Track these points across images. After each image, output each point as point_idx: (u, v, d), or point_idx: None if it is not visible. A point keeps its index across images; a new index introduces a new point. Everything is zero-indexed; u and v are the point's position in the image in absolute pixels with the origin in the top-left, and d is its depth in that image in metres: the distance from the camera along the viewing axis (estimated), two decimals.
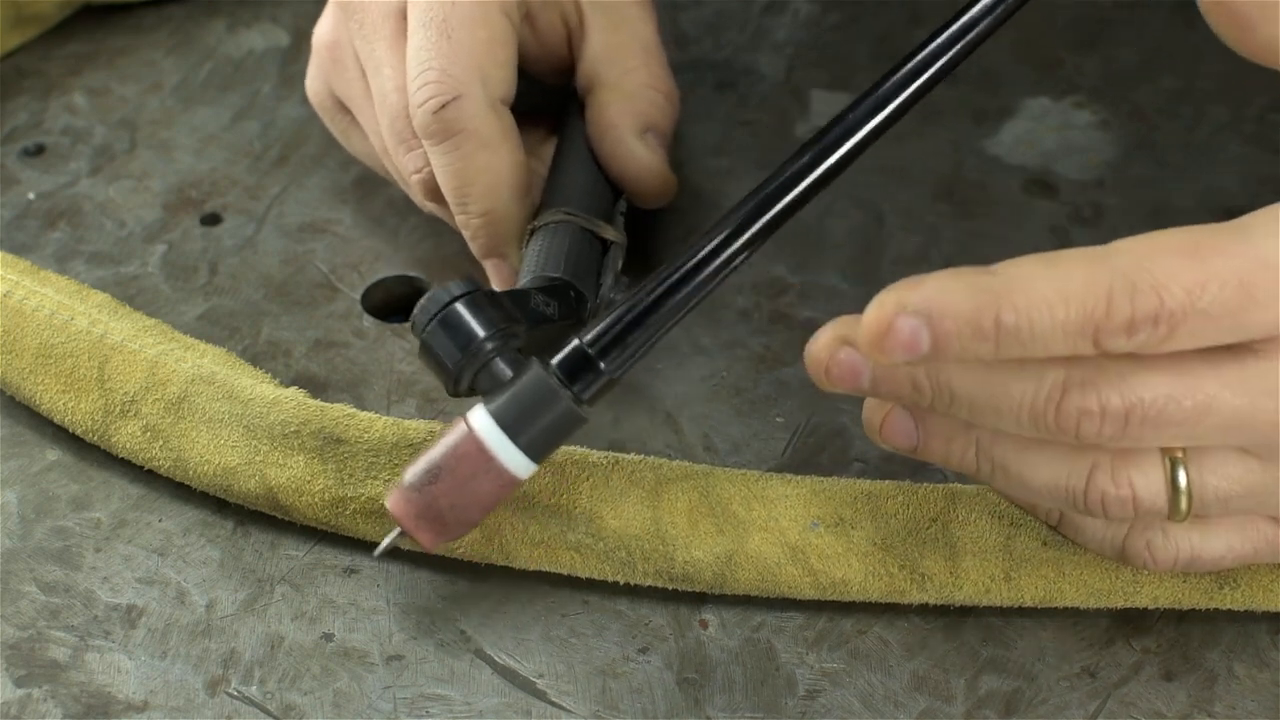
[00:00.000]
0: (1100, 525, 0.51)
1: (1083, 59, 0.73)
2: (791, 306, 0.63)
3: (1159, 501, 0.47)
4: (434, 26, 0.58)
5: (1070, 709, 0.51)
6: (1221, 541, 0.49)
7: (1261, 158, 0.68)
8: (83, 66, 0.75)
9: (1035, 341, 0.44)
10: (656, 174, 0.62)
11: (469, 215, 0.59)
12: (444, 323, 0.52)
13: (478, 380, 0.52)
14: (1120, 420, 0.45)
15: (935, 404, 0.47)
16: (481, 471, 0.50)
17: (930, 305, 0.44)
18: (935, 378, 0.46)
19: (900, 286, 0.44)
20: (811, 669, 0.52)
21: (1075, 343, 0.44)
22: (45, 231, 0.67)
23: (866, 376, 0.47)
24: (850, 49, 0.75)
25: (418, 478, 0.51)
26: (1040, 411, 0.45)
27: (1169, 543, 0.50)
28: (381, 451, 0.54)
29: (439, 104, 0.58)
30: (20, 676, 0.52)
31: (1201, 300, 0.44)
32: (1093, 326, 0.44)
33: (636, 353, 0.51)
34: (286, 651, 0.53)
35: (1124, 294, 0.44)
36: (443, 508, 0.51)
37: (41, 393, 0.58)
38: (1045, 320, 0.44)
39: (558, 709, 0.51)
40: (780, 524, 0.53)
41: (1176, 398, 0.45)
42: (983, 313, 0.44)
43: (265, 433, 0.55)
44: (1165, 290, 0.44)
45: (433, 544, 0.51)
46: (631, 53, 0.63)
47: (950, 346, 0.44)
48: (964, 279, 0.44)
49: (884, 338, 0.44)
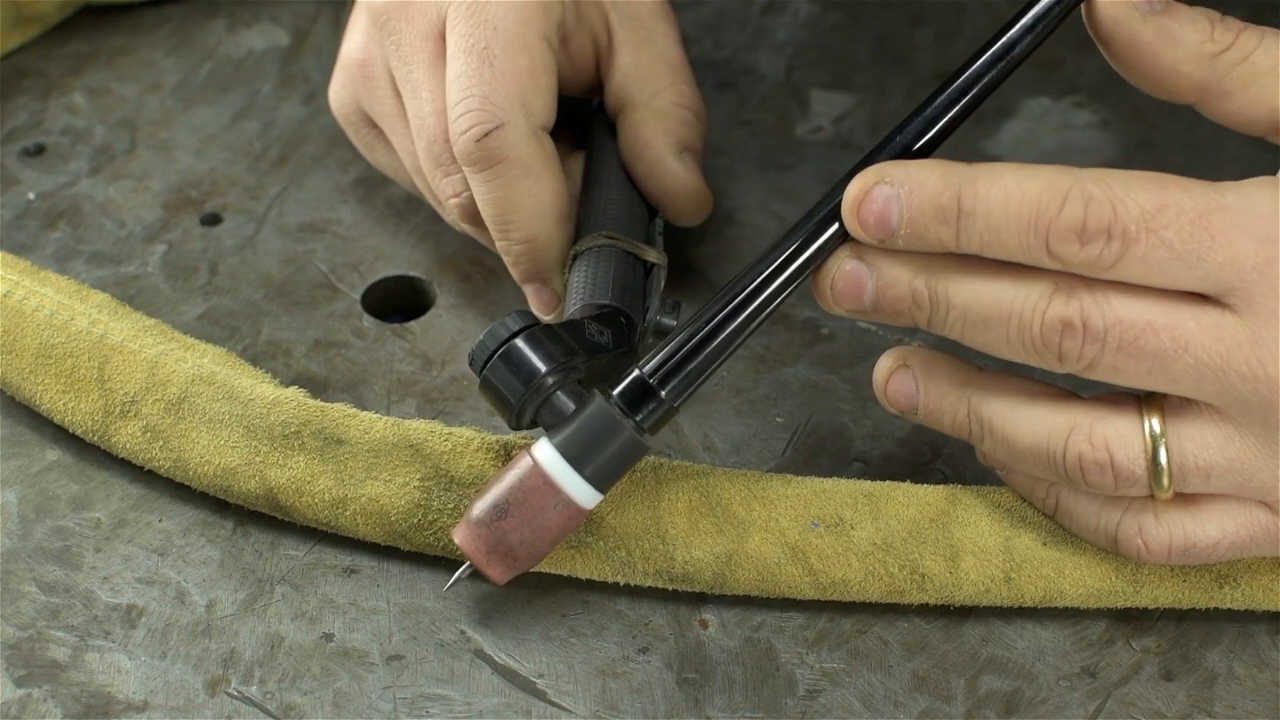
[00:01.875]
0: (1094, 511, 0.51)
1: (1083, 59, 0.73)
2: (791, 306, 0.63)
3: (1137, 466, 0.48)
4: (476, 53, 0.58)
5: (1070, 709, 0.51)
6: (1214, 526, 0.50)
7: (1261, 158, 0.68)
8: (83, 66, 0.75)
9: (991, 233, 0.47)
10: (696, 192, 0.62)
11: (511, 242, 0.59)
12: (505, 358, 0.52)
13: (540, 414, 0.52)
14: (1099, 339, 0.47)
15: (933, 317, 0.49)
16: (550, 505, 0.51)
17: (905, 179, 0.48)
18: (933, 286, 0.49)
19: (885, 163, 0.49)
20: (811, 669, 0.52)
21: (1028, 241, 0.47)
22: (45, 231, 0.67)
23: (869, 289, 0.50)
24: (850, 49, 0.75)
25: (486, 513, 0.51)
26: (1027, 321, 0.48)
27: (1161, 528, 0.50)
28: (382, 452, 0.54)
29: (482, 132, 0.58)
30: (20, 676, 0.52)
31: (1156, 222, 0.46)
32: (1044, 225, 0.47)
33: (696, 381, 0.51)
34: (286, 651, 0.53)
35: (1079, 199, 0.47)
36: (513, 543, 0.51)
37: (42, 393, 0.58)
38: (1000, 210, 0.47)
39: (558, 709, 0.51)
40: (780, 524, 0.53)
41: (1154, 326, 0.47)
42: (946, 192, 0.48)
43: (265, 433, 0.55)
44: (1120, 204, 0.46)
45: (503, 578, 0.52)
46: (660, 72, 0.63)
47: (917, 224, 0.48)
48: (941, 164, 0.48)
49: (862, 205, 0.49)
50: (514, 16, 0.58)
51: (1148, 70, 0.50)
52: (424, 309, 0.64)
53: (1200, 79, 0.50)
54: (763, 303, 0.51)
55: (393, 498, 0.54)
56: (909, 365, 0.52)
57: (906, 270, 0.49)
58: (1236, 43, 0.50)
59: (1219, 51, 0.49)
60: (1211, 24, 0.50)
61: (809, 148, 0.70)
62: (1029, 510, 0.53)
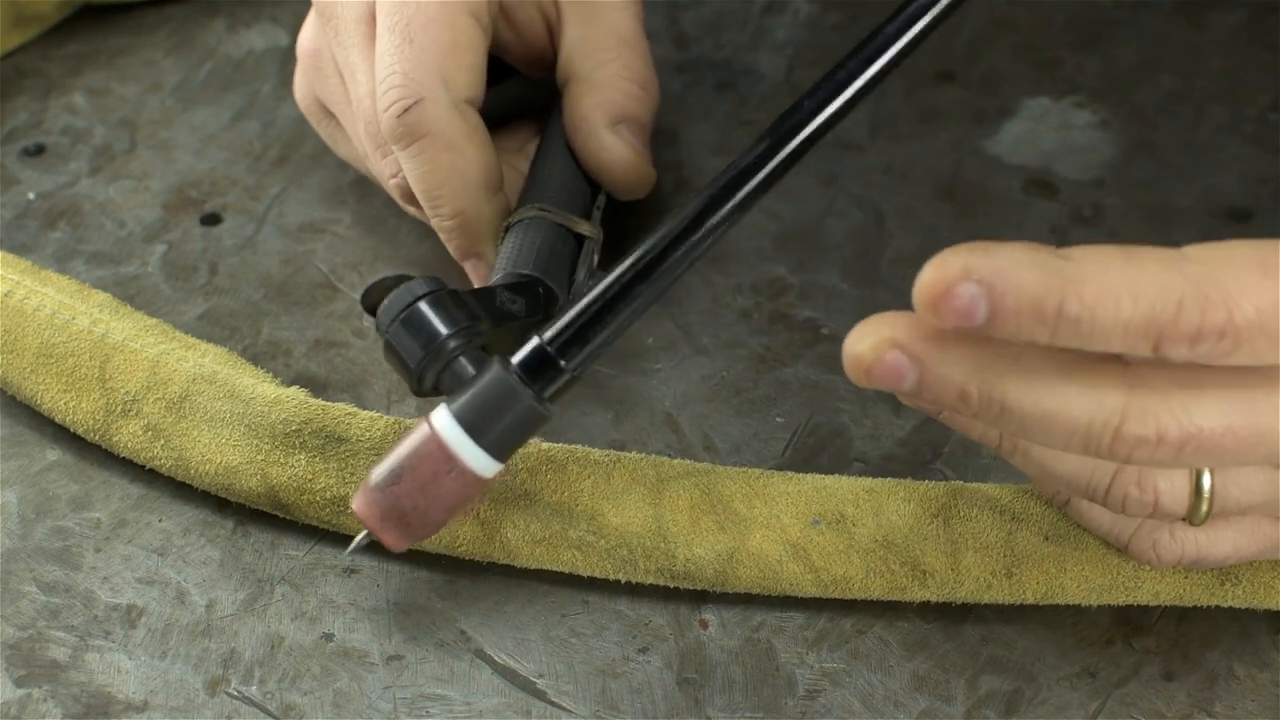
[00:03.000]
0: (1109, 519, 0.51)
1: (1083, 59, 0.73)
2: (791, 306, 0.63)
3: (1179, 507, 0.47)
4: (397, 31, 0.59)
5: (1070, 709, 0.51)
6: (1228, 544, 0.49)
7: (1261, 158, 0.68)
8: (83, 66, 0.75)
9: (1094, 336, 0.43)
10: (629, 165, 0.62)
11: (441, 217, 0.60)
12: (407, 322, 0.52)
13: (441, 379, 0.52)
14: (1175, 449, 0.44)
15: (980, 416, 0.45)
16: (444, 472, 0.50)
17: (996, 278, 0.42)
18: (987, 391, 0.44)
19: (968, 249, 0.42)
20: (811, 669, 0.52)
21: (1135, 343, 0.43)
22: (45, 231, 0.67)
23: (910, 380, 0.44)
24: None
25: (381, 478, 0.51)
26: (1096, 435, 0.44)
27: (1175, 544, 0.50)
28: (384, 450, 0.54)
29: (402, 108, 0.58)
30: (20, 676, 0.52)
31: (1271, 320, 0.43)
32: (1157, 331, 0.42)
33: (597, 350, 0.51)
34: (286, 651, 0.53)
35: (1195, 303, 0.42)
36: (406, 508, 0.50)
37: (42, 392, 0.58)
38: (1110, 317, 0.42)
39: (558, 709, 0.51)
40: (782, 521, 0.53)
41: (1235, 429, 0.44)
42: (1048, 297, 0.42)
43: (267, 432, 0.55)
44: (1236, 305, 0.42)
45: (397, 544, 0.51)
46: (605, 45, 0.62)
47: (1007, 323, 0.42)
48: (1036, 258, 0.42)
49: (941, 300, 0.42)
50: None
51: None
52: None
53: None
54: (665, 270, 0.50)
55: None
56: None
57: (958, 371, 0.44)
58: None
59: None
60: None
61: None
62: (1031, 506, 0.53)
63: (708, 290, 0.64)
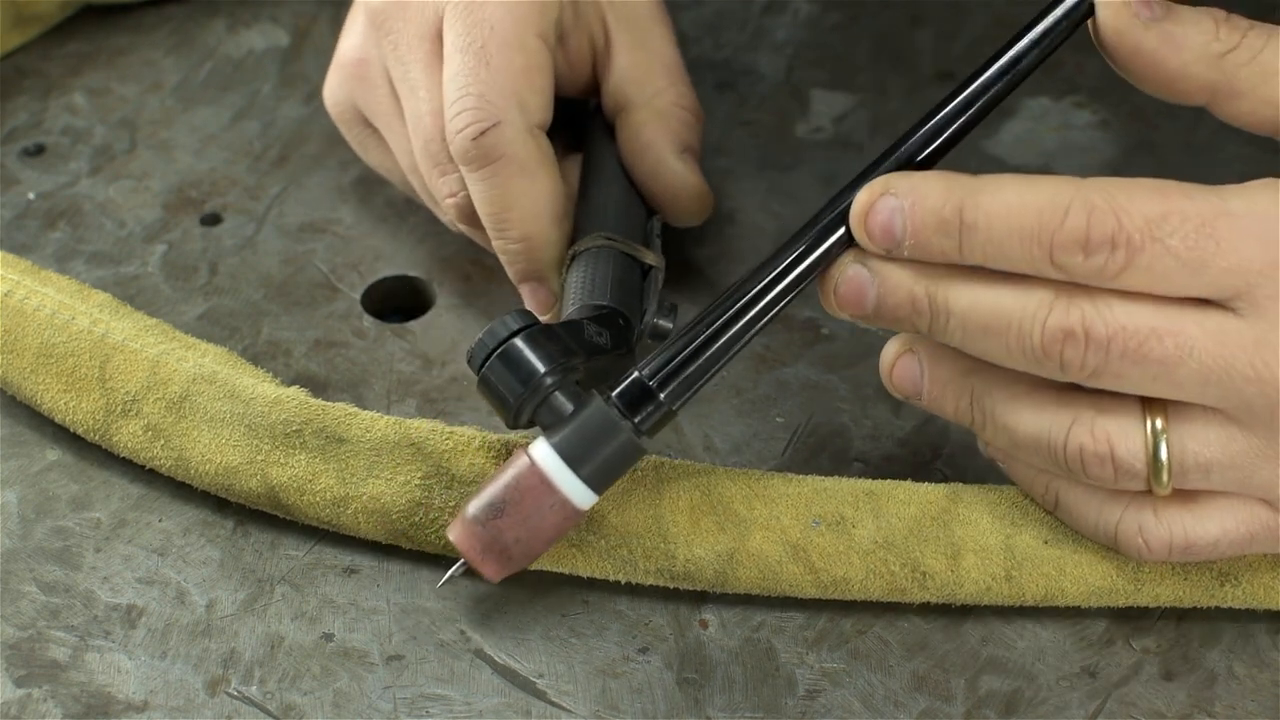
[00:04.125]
0: (1094, 507, 0.51)
1: (1083, 59, 0.73)
2: (792, 307, 0.63)
3: (1137, 461, 0.48)
4: (472, 52, 0.58)
5: (1070, 709, 0.51)
6: (1214, 524, 0.50)
7: (1261, 158, 0.68)
8: (83, 66, 0.75)
9: (992, 244, 0.47)
10: (698, 192, 0.62)
11: (507, 240, 0.59)
12: (504, 358, 0.52)
13: (538, 414, 0.52)
14: (1102, 348, 0.47)
15: (933, 325, 0.49)
16: (546, 505, 0.51)
17: (909, 190, 0.49)
18: (933, 294, 0.49)
19: (892, 174, 0.50)
20: (811, 669, 0.52)
21: (1031, 252, 0.47)
22: (45, 231, 0.67)
23: (871, 296, 0.50)
24: (850, 49, 0.75)
25: (482, 511, 0.51)
26: (1027, 331, 0.48)
27: (1161, 526, 0.50)
28: (383, 450, 0.54)
29: (478, 130, 0.58)
30: (20, 676, 0.52)
31: (1160, 230, 0.46)
32: (1048, 237, 0.47)
33: (695, 384, 0.51)
34: (286, 651, 0.53)
35: (1081, 210, 0.46)
36: (508, 541, 0.51)
37: (43, 392, 0.58)
38: (1003, 224, 0.47)
39: (558, 709, 0.51)
40: (782, 522, 0.53)
41: (1158, 332, 0.47)
42: (949, 205, 0.48)
43: (267, 432, 0.55)
44: (1124, 213, 0.46)
45: (497, 576, 0.52)
46: (658, 73, 0.63)
47: (920, 235, 0.48)
48: (945, 176, 0.48)
49: (867, 214, 0.49)
50: (511, 15, 0.59)
51: (1155, 76, 0.50)
52: (424, 309, 0.64)
53: (1209, 80, 0.49)
54: (764, 308, 0.51)
55: (394, 496, 0.54)
56: (915, 351, 0.52)
57: (907, 277, 0.49)
58: (1244, 41, 0.49)
59: (1225, 51, 0.49)
60: (1216, 24, 0.49)
61: (809, 148, 0.70)
62: (1030, 508, 0.53)
63: (708, 290, 0.64)
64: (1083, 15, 0.50)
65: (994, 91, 0.51)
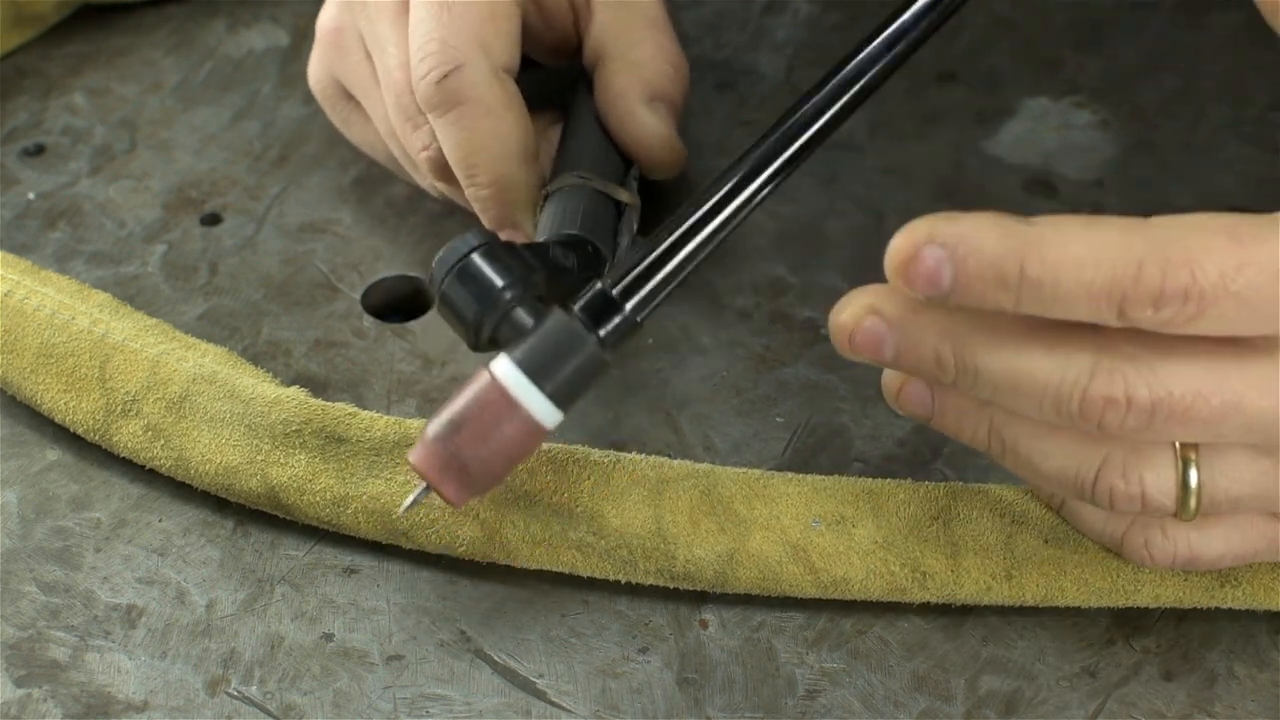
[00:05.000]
0: (1101, 518, 0.51)
1: (1083, 59, 0.73)
2: (791, 306, 0.63)
3: (1168, 500, 0.47)
4: (436, 2, 0.59)
5: (1070, 709, 0.51)
6: (1221, 541, 0.49)
7: (1261, 158, 0.68)
8: (83, 66, 0.75)
9: (1058, 301, 0.43)
10: (665, 141, 0.62)
11: (478, 186, 0.59)
12: (462, 274, 0.51)
13: (499, 331, 0.51)
14: (1146, 413, 0.44)
15: (958, 381, 0.46)
16: (506, 419, 0.49)
17: (959, 241, 0.43)
18: (960, 354, 0.46)
19: (935, 218, 0.44)
20: (811, 669, 0.52)
21: (1099, 308, 0.43)
22: (45, 231, 0.67)
23: (890, 347, 0.46)
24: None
25: (440, 429, 0.49)
26: (1065, 396, 0.45)
27: (1167, 541, 0.49)
28: (383, 451, 0.54)
29: (440, 74, 0.58)
30: (20, 676, 0.52)
31: (1235, 283, 0.43)
32: (1120, 293, 0.43)
33: (659, 294, 0.51)
34: (286, 651, 0.53)
35: (1156, 265, 0.43)
36: (467, 459, 0.49)
37: (42, 392, 0.58)
38: (1071, 279, 0.43)
39: (558, 709, 0.51)
40: (782, 522, 0.53)
41: (1205, 395, 0.44)
42: (1008, 259, 0.43)
43: (267, 432, 0.55)
44: (1199, 267, 0.43)
45: (458, 497, 0.50)
46: (636, 25, 0.63)
47: (970, 289, 0.44)
48: (999, 223, 0.44)
49: (909, 265, 0.44)
50: None
51: None
52: (424, 309, 0.64)
53: None
54: (728, 217, 0.50)
55: (394, 496, 0.54)
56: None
57: (931, 335, 0.46)
58: None
59: None
60: None
61: None
62: (1031, 508, 0.53)
63: (708, 290, 0.64)
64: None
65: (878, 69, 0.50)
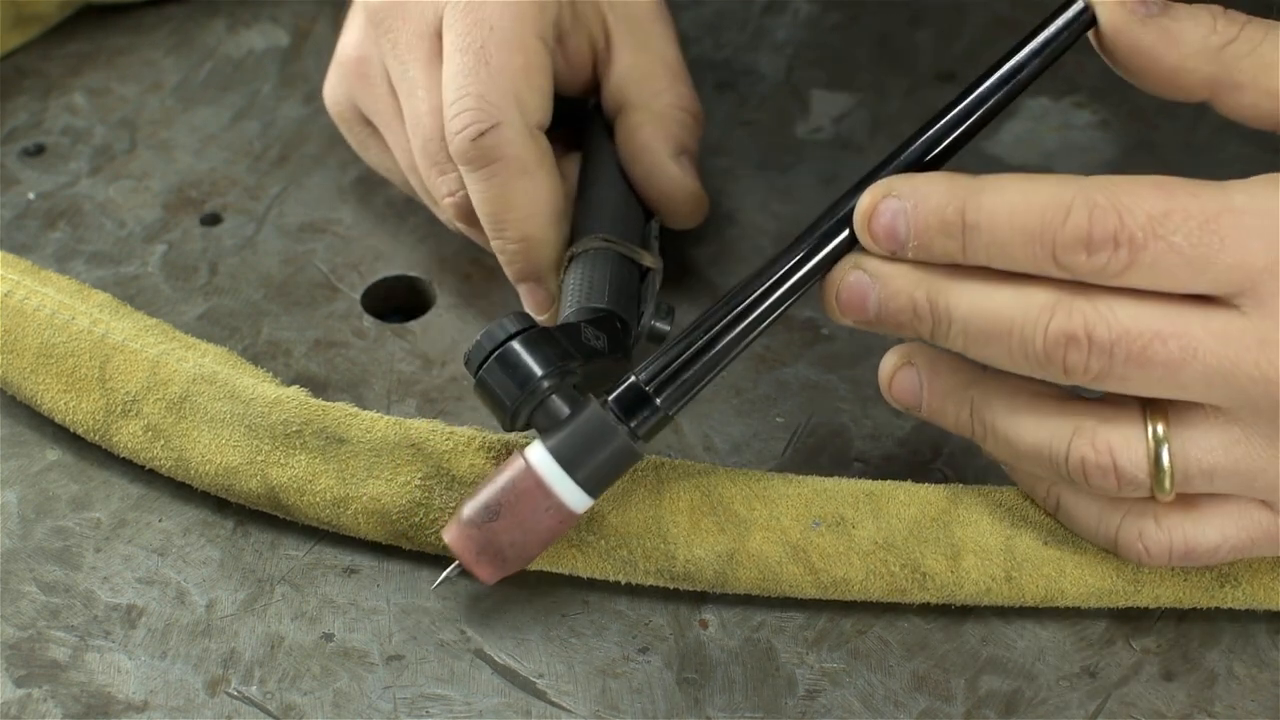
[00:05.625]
0: (1094, 513, 0.51)
1: (1083, 59, 0.73)
2: (792, 307, 0.63)
3: (1140, 471, 0.48)
4: (472, 52, 0.58)
5: (1070, 709, 0.51)
6: (1215, 530, 0.50)
7: (1261, 158, 0.68)
8: (83, 66, 0.75)
9: (996, 246, 0.47)
10: (693, 195, 0.62)
11: (505, 240, 0.59)
12: (501, 360, 0.52)
13: (534, 417, 0.52)
14: (1105, 351, 0.47)
15: (935, 330, 0.49)
16: (541, 508, 0.51)
17: (912, 192, 0.49)
18: (933, 298, 0.49)
19: (895, 176, 0.50)
20: (811, 669, 0.52)
21: (1034, 253, 0.47)
22: (45, 231, 0.67)
23: (873, 301, 0.50)
24: (850, 49, 0.75)
25: (477, 514, 0.51)
26: (1029, 337, 0.47)
27: (1161, 532, 0.50)
28: (383, 451, 0.54)
29: (478, 130, 0.58)
30: (20, 676, 0.52)
31: (1163, 227, 0.46)
32: (1050, 236, 0.46)
33: (692, 389, 0.51)
34: (286, 651, 0.53)
35: (1084, 208, 0.46)
36: (503, 544, 0.51)
37: (43, 392, 0.58)
38: (1005, 223, 0.47)
39: (558, 709, 0.51)
40: (782, 523, 0.53)
41: (1162, 335, 0.46)
42: (950, 206, 0.48)
43: (267, 432, 0.55)
44: (1127, 212, 0.46)
45: (491, 578, 0.52)
46: (658, 74, 0.63)
47: (923, 238, 0.48)
48: (947, 177, 0.49)
49: (870, 218, 0.49)
50: (510, 15, 0.59)
51: (1155, 72, 0.49)
52: (424, 309, 0.64)
53: (1209, 74, 0.49)
54: (762, 314, 0.51)
55: (394, 496, 0.54)
56: (913, 363, 0.52)
57: (908, 282, 0.49)
58: (1242, 34, 0.49)
59: (1224, 44, 0.49)
60: (1214, 18, 0.49)
61: (809, 148, 0.70)
62: (1030, 509, 0.53)
63: (708, 290, 0.64)
64: (1085, 25, 0.50)
65: (995, 100, 0.51)
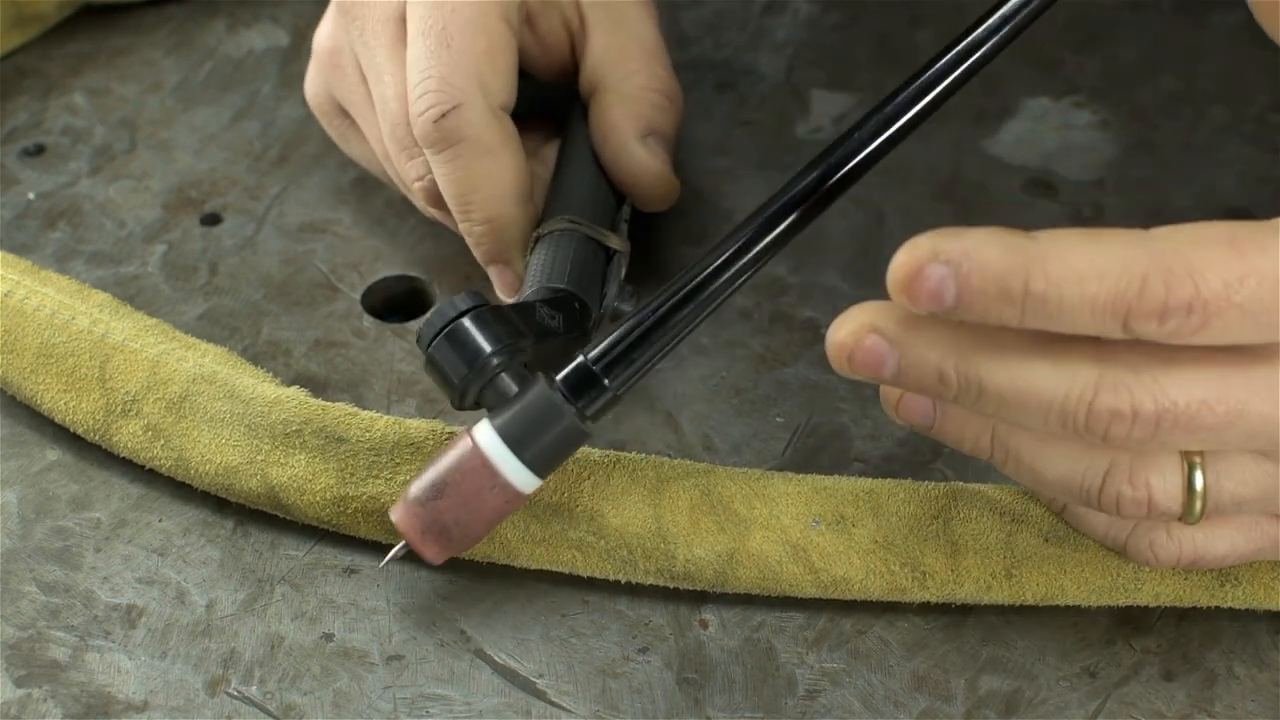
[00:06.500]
0: (1105, 521, 0.51)
1: (1083, 59, 0.73)
2: (791, 306, 0.63)
3: (1174, 504, 0.47)
4: (433, 35, 0.58)
5: (1070, 709, 0.51)
6: (1225, 542, 0.49)
7: (1261, 158, 0.68)
8: (83, 66, 0.75)
9: (1063, 315, 0.43)
10: (658, 178, 0.62)
11: (472, 223, 0.59)
12: (450, 338, 0.52)
13: (483, 395, 0.52)
14: (1151, 424, 0.44)
15: (960, 398, 0.46)
16: (486, 487, 0.51)
17: (963, 258, 0.43)
18: (963, 371, 0.45)
19: (938, 234, 0.44)
20: (811, 669, 0.52)
21: (1104, 322, 0.43)
22: (45, 231, 0.67)
23: (891, 365, 0.46)
24: (850, 49, 0.75)
25: (423, 492, 0.51)
26: (1071, 411, 0.44)
27: (1172, 542, 0.49)
28: (383, 450, 0.54)
29: (439, 113, 0.58)
30: (20, 676, 0.52)
31: (1238, 294, 0.43)
32: (1124, 307, 0.43)
33: (640, 370, 0.51)
34: (286, 651, 0.53)
35: (1159, 278, 0.43)
36: (448, 523, 0.51)
37: (43, 392, 0.58)
38: (1075, 293, 0.43)
39: (558, 709, 0.51)
40: (782, 522, 0.53)
41: (1209, 403, 0.44)
42: (1012, 275, 0.43)
43: (267, 432, 0.55)
44: (1202, 279, 0.43)
45: (438, 558, 0.52)
46: (632, 55, 0.63)
47: (975, 304, 0.43)
48: (1002, 238, 0.43)
49: (912, 282, 0.44)
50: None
51: None
52: (424, 309, 0.64)
53: None
54: (711, 294, 0.51)
55: (394, 496, 0.54)
56: None
57: (934, 352, 0.45)
58: None
59: None
60: None
61: (809, 148, 0.70)
62: (1030, 507, 0.53)
63: None
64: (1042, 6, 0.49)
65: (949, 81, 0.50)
